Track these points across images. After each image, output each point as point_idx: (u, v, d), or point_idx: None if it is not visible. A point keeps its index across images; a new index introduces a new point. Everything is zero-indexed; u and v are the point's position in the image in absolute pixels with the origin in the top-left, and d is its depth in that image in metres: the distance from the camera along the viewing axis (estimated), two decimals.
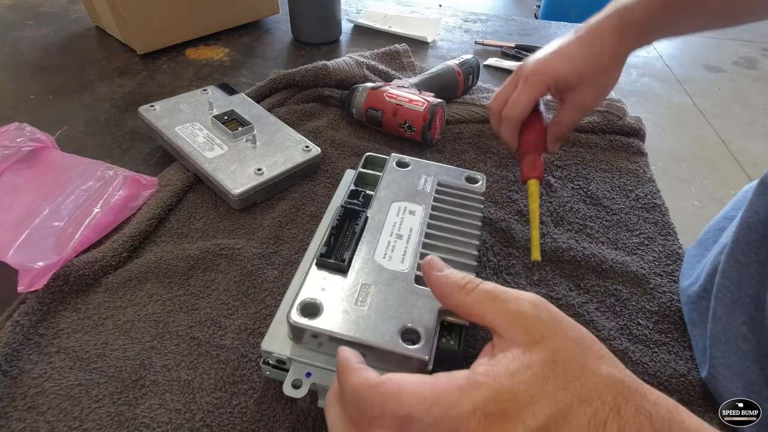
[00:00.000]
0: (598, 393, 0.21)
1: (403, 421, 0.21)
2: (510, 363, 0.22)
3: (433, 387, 0.21)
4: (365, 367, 0.24)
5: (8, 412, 0.31)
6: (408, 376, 0.22)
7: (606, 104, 0.62)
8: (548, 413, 0.20)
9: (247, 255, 0.42)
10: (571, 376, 0.21)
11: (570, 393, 0.21)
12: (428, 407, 0.21)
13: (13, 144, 0.46)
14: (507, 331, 0.23)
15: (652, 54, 2.83)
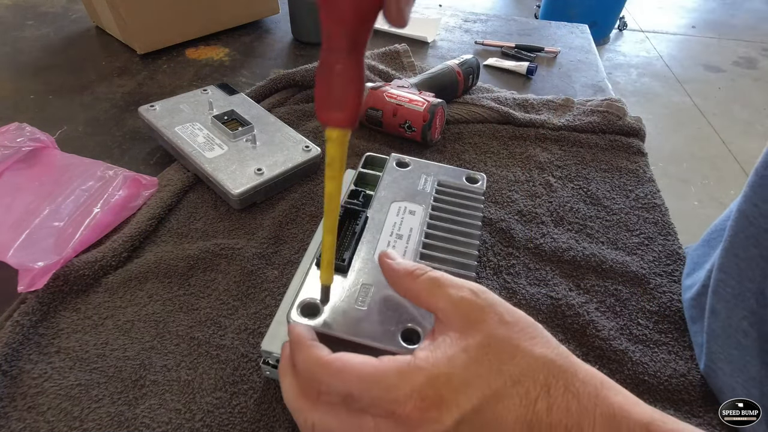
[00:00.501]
0: (530, 373, 0.22)
1: (345, 398, 0.23)
2: (447, 348, 0.23)
3: (375, 369, 0.23)
4: (317, 344, 0.25)
5: (8, 412, 0.31)
6: (355, 357, 0.23)
7: (606, 104, 0.62)
8: (481, 395, 0.22)
9: (247, 255, 0.42)
10: (504, 357, 0.23)
11: (503, 375, 0.22)
12: (368, 387, 0.22)
13: (13, 144, 0.46)
14: (447, 316, 0.24)
15: (652, 54, 2.83)
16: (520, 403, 0.22)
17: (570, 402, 0.22)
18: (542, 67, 0.77)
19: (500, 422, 0.22)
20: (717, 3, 3.61)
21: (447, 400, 0.22)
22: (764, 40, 3.06)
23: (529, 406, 0.22)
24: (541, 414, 0.22)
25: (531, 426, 0.22)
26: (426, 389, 0.22)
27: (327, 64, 0.22)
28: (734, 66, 2.74)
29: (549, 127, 0.60)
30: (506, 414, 0.22)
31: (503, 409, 0.22)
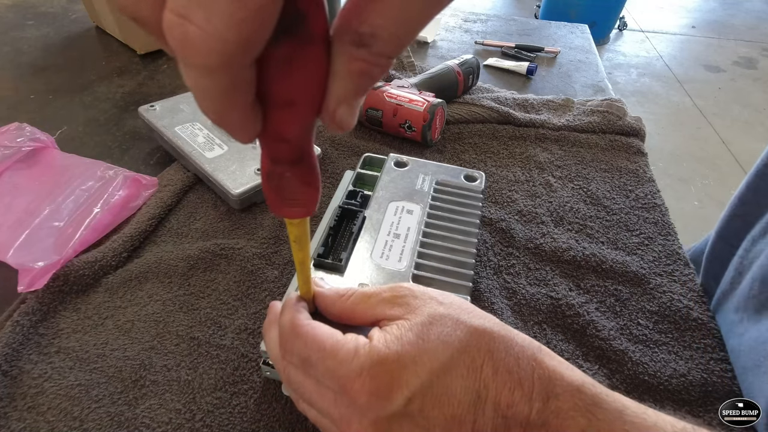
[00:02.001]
0: (473, 341, 0.24)
1: (304, 361, 0.24)
2: (396, 330, 0.24)
3: (335, 342, 0.24)
4: (300, 309, 0.26)
5: (8, 412, 0.31)
6: (323, 327, 0.25)
7: (606, 104, 0.62)
8: (429, 369, 0.23)
9: (247, 255, 0.42)
10: (448, 330, 0.24)
11: (449, 346, 0.23)
12: (324, 357, 0.23)
13: (13, 144, 0.46)
14: (388, 313, 0.25)
15: (652, 54, 2.83)
16: (467, 372, 0.23)
17: (511, 365, 0.23)
18: (542, 67, 0.77)
19: (449, 394, 0.23)
20: (717, 3, 3.61)
21: (397, 379, 0.22)
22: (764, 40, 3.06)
23: (476, 373, 0.23)
24: (487, 379, 0.23)
25: (479, 393, 0.23)
26: (376, 368, 0.23)
27: (274, 173, 0.19)
28: (734, 66, 2.74)
29: (549, 127, 0.60)
30: (455, 384, 0.23)
31: (451, 381, 0.23)
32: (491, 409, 0.23)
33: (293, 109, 0.16)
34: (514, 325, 0.39)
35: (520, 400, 0.23)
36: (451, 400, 0.23)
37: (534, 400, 0.23)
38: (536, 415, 0.23)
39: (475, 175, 0.43)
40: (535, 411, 0.23)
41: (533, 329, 0.39)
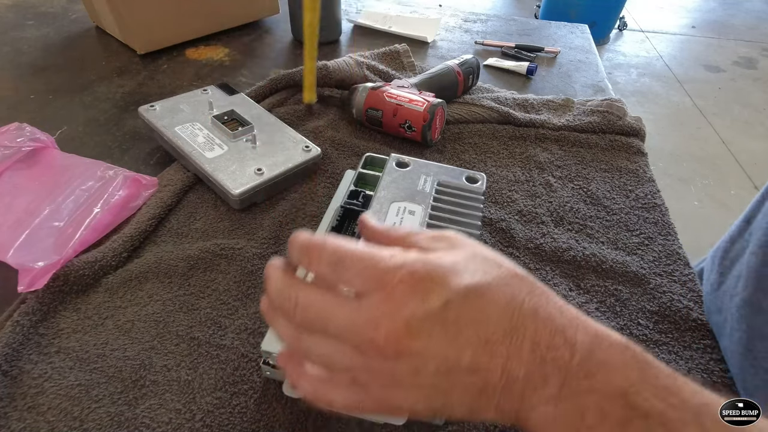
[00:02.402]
0: (516, 281, 0.24)
1: (335, 264, 0.23)
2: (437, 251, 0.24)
3: (368, 247, 0.23)
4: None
5: (8, 412, 0.31)
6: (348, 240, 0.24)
7: (606, 104, 0.62)
8: (471, 282, 0.22)
9: (247, 255, 0.42)
10: (491, 264, 0.24)
11: (491, 274, 0.23)
12: (360, 257, 0.22)
13: (13, 144, 0.46)
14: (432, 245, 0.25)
15: (652, 54, 2.83)
16: (506, 304, 0.22)
17: (553, 313, 0.23)
18: (542, 67, 0.77)
19: (486, 316, 0.22)
20: (717, 3, 3.61)
21: (438, 278, 0.22)
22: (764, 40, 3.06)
23: (516, 307, 0.22)
24: (527, 316, 0.22)
25: (516, 327, 0.22)
26: (417, 265, 0.22)
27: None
28: (734, 66, 2.74)
29: (549, 127, 0.60)
30: (493, 309, 0.22)
31: (490, 304, 0.22)
32: (528, 347, 0.22)
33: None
34: None
35: (563, 345, 0.22)
36: (488, 323, 0.22)
37: (577, 348, 0.22)
38: (579, 364, 0.21)
39: (476, 177, 0.43)
40: (578, 359, 0.22)
41: None
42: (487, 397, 0.23)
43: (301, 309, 0.23)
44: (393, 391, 0.23)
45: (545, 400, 0.22)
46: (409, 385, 0.23)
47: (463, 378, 0.22)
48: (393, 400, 0.23)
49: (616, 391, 0.21)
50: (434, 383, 0.22)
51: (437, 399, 0.23)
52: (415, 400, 0.23)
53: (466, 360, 0.22)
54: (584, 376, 0.21)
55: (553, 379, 0.22)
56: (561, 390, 0.21)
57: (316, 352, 0.23)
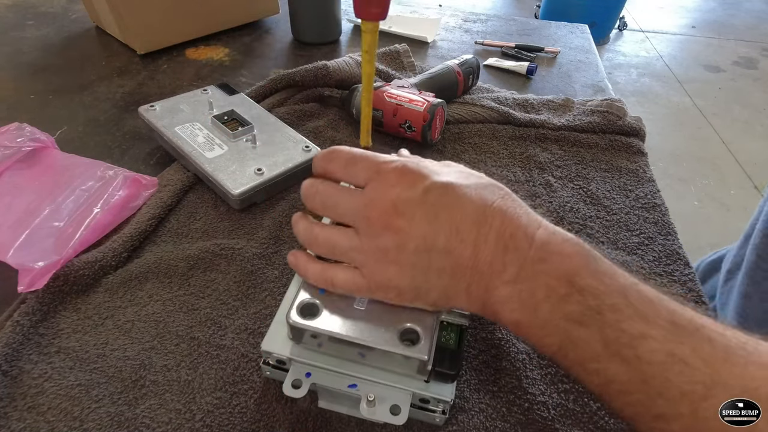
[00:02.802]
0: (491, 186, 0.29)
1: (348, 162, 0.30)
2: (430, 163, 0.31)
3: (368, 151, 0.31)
4: None
5: (8, 412, 0.31)
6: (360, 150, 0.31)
7: (606, 104, 0.62)
8: (451, 180, 0.28)
9: (247, 255, 0.42)
10: (474, 176, 0.30)
11: (470, 179, 0.29)
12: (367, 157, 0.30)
13: (13, 144, 0.46)
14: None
15: (652, 54, 2.83)
16: (479, 198, 0.28)
17: (521, 214, 0.28)
18: (542, 67, 0.77)
19: (460, 206, 0.27)
20: (717, 3, 3.61)
21: (424, 173, 0.28)
22: (764, 40, 3.06)
23: (487, 203, 0.28)
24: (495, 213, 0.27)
25: (485, 218, 0.27)
26: (410, 163, 0.29)
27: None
28: (734, 66, 2.74)
29: (549, 127, 0.60)
30: (467, 203, 0.28)
31: (464, 196, 0.28)
32: (494, 237, 0.27)
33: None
34: None
35: (523, 238, 0.27)
36: (461, 213, 0.27)
37: (535, 240, 0.26)
38: (535, 253, 0.26)
39: None
40: (534, 249, 0.26)
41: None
42: (458, 278, 0.28)
43: (319, 195, 0.30)
44: (382, 267, 0.28)
45: (505, 281, 0.26)
46: (394, 261, 0.28)
47: (439, 258, 0.27)
48: (382, 276, 0.28)
49: (562, 274, 0.25)
50: (415, 261, 0.28)
51: (418, 277, 0.28)
52: (400, 276, 0.28)
53: (440, 241, 0.27)
54: (538, 262, 0.26)
55: (512, 265, 0.26)
56: (519, 273, 0.26)
57: (324, 237, 0.30)
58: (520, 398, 0.34)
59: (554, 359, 0.27)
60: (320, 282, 0.31)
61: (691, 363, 0.22)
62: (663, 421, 0.23)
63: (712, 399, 0.22)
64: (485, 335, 0.37)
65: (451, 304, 0.29)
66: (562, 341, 0.25)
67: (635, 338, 0.23)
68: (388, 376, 0.30)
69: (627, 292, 0.25)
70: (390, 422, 0.29)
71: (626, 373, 0.23)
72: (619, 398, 0.24)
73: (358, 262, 0.29)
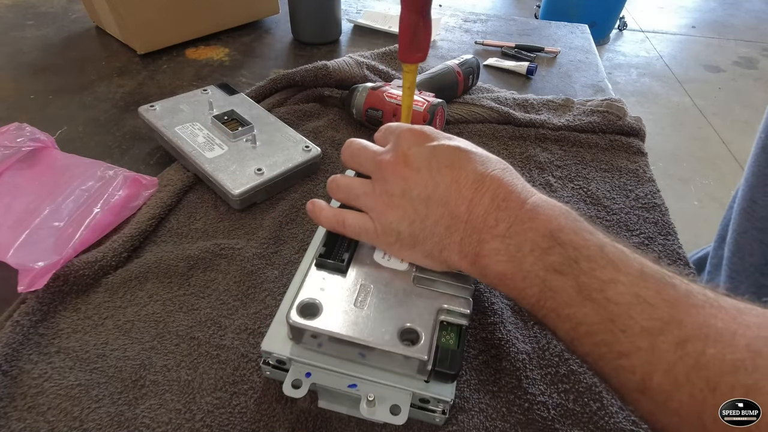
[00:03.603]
0: (494, 158, 0.32)
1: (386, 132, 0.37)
2: None
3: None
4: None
5: (8, 412, 0.31)
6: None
7: (606, 104, 0.62)
8: (456, 145, 0.32)
9: (247, 255, 0.42)
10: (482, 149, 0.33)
11: (477, 149, 0.33)
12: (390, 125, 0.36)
13: (13, 144, 0.46)
14: None
15: (652, 54, 2.83)
16: (481, 164, 0.31)
17: (517, 183, 0.30)
18: (542, 67, 0.77)
19: (461, 167, 0.31)
20: (717, 3, 3.61)
21: (435, 134, 0.33)
22: (764, 40, 3.06)
23: (487, 169, 0.31)
24: (494, 178, 0.30)
25: (483, 181, 0.30)
26: (426, 128, 0.34)
27: (410, 21, 0.36)
28: (734, 66, 2.74)
29: (549, 127, 0.60)
30: (468, 162, 0.31)
31: (467, 158, 0.31)
32: (489, 197, 0.29)
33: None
34: (514, 325, 0.39)
35: (516, 200, 0.29)
36: (461, 171, 0.31)
37: (527, 204, 0.29)
38: (525, 213, 0.29)
39: None
40: (525, 209, 0.29)
41: (533, 329, 0.39)
42: (453, 230, 0.30)
43: (350, 149, 0.36)
44: (387, 210, 0.32)
45: (495, 235, 0.29)
46: (398, 205, 0.32)
47: (436, 207, 0.31)
48: (386, 218, 0.32)
49: (547, 231, 0.28)
50: (416, 207, 0.31)
51: (416, 223, 0.31)
52: (401, 219, 0.32)
53: (440, 192, 0.31)
54: (528, 220, 0.28)
55: (503, 222, 0.29)
56: (509, 229, 0.28)
57: (344, 182, 0.35)
58: (520, 398, 0.34)
59: (533, 310, 0.28)
60: (332, 223, 0.35)
61: (653, 303, 0.24)
62: (625, 358, 0.24)
63: (668, 334, 0.23)
64: (485, 335, 0.37)
65: (443, 257, 0.31)
66: (542, 290, 0.27)
67: (606, 283, 0.25)
68: (388, 376, 0.30)
69: (604, 246, 0.27)
70: (390, 422, 0.29)
71: (595, 315, 0.25)
72: (587, 339, 0.26)
73: (368, 207, 0.33)
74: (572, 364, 0.36)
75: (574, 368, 0.36)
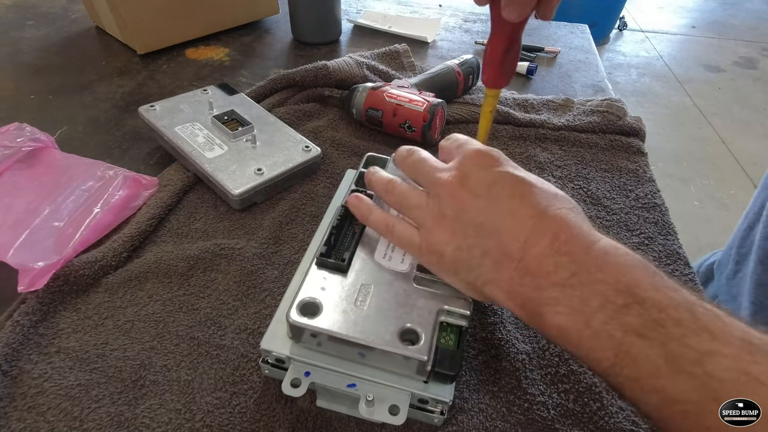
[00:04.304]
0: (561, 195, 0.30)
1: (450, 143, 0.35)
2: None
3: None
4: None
5: (8, 412, 0.31)
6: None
7: (606, 104, 0.62)
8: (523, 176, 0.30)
9: (247, 255, 0.42)
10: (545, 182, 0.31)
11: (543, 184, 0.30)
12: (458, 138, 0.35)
13: (13, 144, 0.46)
14: None
15: (652, 54, 2.83)
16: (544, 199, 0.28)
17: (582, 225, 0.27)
18: (542, 67, 0.77)
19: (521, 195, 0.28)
20: (717, 3, 3.61)
21: (502, 161, 0.31)
22: (764, 40, 3.06)
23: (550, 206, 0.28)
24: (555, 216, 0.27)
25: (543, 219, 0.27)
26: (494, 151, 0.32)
27: (500, 48, 0.35)
28: (734, 66, 2.74)
29: (549, 127, 0.60)
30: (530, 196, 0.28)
31: (529, 192, 0.28)
32: (548, 239, 0.26)
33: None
34: (514, 325, 0.39)
35: (579, 244, 0.26)
36: (521, 204, 0.28)
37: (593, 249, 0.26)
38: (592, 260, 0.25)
39: None
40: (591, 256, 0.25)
41: (533, 329, 0.39)
42: (501, 267, 0.28)
43: (411, 158, 0.34)
44: (437, 230, 0.30)
45: (554, 283, 0.25)
46: (449, 227, 0.30)
47: (487, 237, 0.28)
48: (434, 238, 0.30)
49: (622, 285, 0.24)
50: (466, 232, 0.29)
51: (463, 249, 0.29)
52: (448, 242, 0.30)
53: (493, 221, 0.28)
54: (596, 270, 0.25)
55: (564, 269, 0.25)
56: (571, 278, 0.25)
57: (400, 189, 0.33)
58: (520, 398, 0.34)
59: (605, 375, 0.25)
60: (381, 227, 0.34)
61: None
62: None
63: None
64: (485, 335, 0.37)
65: (485, 291, 0.29)
66: (617, 354, 0.23)
67: (704, 355, 0.21)
68: (387, 376, 0.30)
69: (693, 307, 0.23)
70: (388, 422, 0.29)
71: (694, 392, 0.21)
72: (683, 420, 0.22)
73: (419, 221, 0.32)
74: (572, 364, 0.36)
75: (574, 368, 0.36)
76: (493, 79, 0.37)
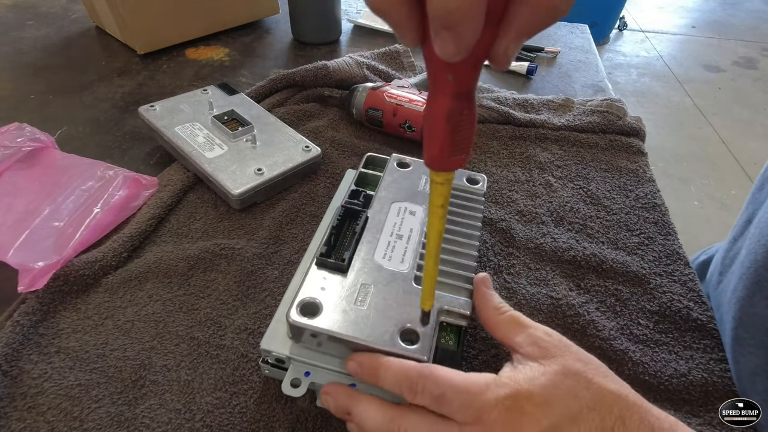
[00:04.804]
0: (605, 404, 0.24)
1: (438, 398, 0.25)
2: (528, 371, 0.25)
3: (465, 379, 0.25)
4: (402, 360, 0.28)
5: (8, 412, 0.31)
6: (445, 368, 0.26)
7: (606, 104, 0.62)
8: (560, 414, 0.23)
9: (247, 255, 0.42)
10: (580, 386, 0.24)
11: (580, 400, 0.24)
12: (459, 392, 0.24)
13: (13, 144, 0.46)
14: (525, 349, 0.26)
15: (652, 54, 2.83)
16: (595, 430, 0.23)
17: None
18: (542, 67, 0.77)
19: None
20: (717, 3, 3.61)
21: (529, 413, 0.23)
22: (764, 40, 3.06)
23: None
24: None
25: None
26: (509, 401, 0.24)
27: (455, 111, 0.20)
28: (734, 66, 2.74)
29: (549, 127, 0.60)
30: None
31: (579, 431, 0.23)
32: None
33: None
34: None
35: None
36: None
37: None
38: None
39: (477, 178, 0.43)
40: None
41: None
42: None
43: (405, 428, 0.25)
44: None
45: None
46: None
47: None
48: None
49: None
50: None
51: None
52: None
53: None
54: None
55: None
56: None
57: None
58: None
59: None
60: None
61: None
62: None
63: None
64: (485, 335, 0.37)
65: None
66: None
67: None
68: None
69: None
70: None
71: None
72: None
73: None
74: None
75: None
76: (438, 159, 0.22)
